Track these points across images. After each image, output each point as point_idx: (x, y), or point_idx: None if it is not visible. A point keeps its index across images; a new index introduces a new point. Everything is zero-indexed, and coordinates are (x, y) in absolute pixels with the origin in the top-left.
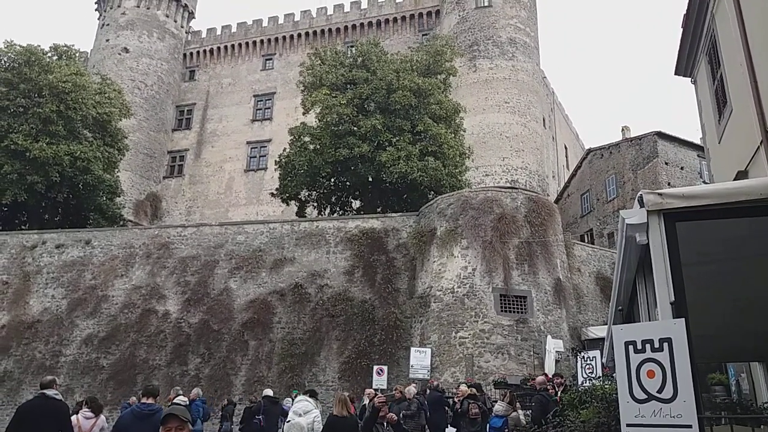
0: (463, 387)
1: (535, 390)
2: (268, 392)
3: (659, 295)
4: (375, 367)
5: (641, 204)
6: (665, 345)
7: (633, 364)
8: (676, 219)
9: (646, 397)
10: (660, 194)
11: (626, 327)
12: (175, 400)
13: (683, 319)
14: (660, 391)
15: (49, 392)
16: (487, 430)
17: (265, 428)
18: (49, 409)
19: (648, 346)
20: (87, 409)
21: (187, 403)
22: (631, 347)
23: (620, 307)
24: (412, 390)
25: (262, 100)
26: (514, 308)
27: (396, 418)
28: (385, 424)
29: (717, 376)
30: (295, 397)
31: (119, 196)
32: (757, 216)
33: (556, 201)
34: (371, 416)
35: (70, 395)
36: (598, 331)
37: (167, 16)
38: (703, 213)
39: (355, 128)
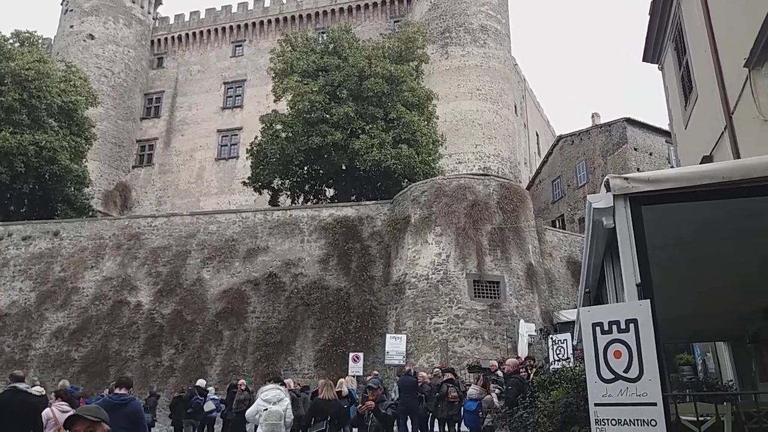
0: (423, 373)
1: (507, 374)
2: (201, 383)
3: (626, 277)
4: (351, 354)
5: (607, 188)
6: (631, 326)
7: (600, 344)
8: (642, 203)
9: (613, 376)
10: (626, 178)
11: (593, 309)
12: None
13: (648, 300)
14: (626, 370)
15: (21, 386)
16: (462, 412)
17: (192, 413)
18: (19, 402)
19: (615, 327)
20: (62, 402)
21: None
22: (598, 328)
23: (588, 290)
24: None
25: (232, 88)
26: (487, 293)
27: (373, 404)
28: (366, 413)
29: (684, 357)
30: (234, 386)
31: (87, 187)
32: (720, 199)
33: (528, 187)
34: (358, 417)
35: (42, 388)
36: (569, 315)
37: (133, 2)
38: (667, 196)
39: (328, 116)
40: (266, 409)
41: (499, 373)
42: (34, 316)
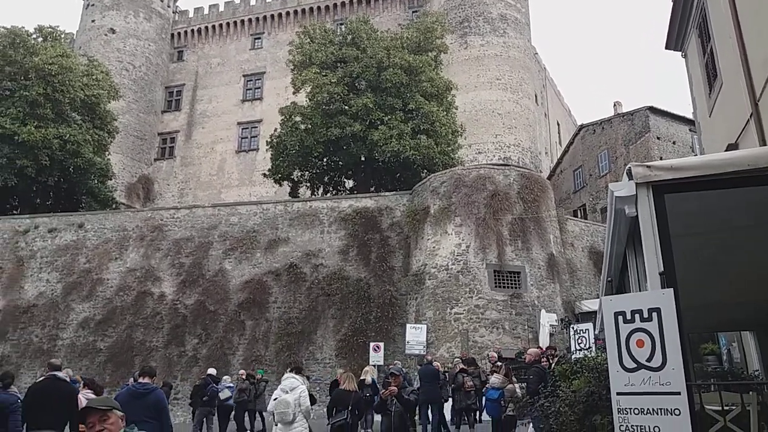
0: (436, 363)
1: (528, 364)
2: (212, 371)
3: (648, 266)
4: (371, 344)
5: (630, 177)
6: (654, 315)
7: (623, 334)
8: (665, 191)
9: (636, 365)
10: (648, 166)
11: (615, 298)
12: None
13: (672, 289)
14: (649, 359)
15: (60, 374)
16: (483, 401)
17: (208, 401)
18: (58, 390)
19: (637, 316)
20: (88, 391)
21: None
22: (620, 317)
23: (610, 278)
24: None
25: (251, 80)
26: (508, 284)
27: (396, 390)
28: (389, 399)
29: (709, 347)
30: (246, 376)
31: (111, 179)
32: (746, 186)
33: (549, 177)
34: (381, 402)
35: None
36: (591, 305)
37: None
38: (691, 185)
39: (346, 107)
40: (276, 398)
41: (499, 363)
42: (61, 307)
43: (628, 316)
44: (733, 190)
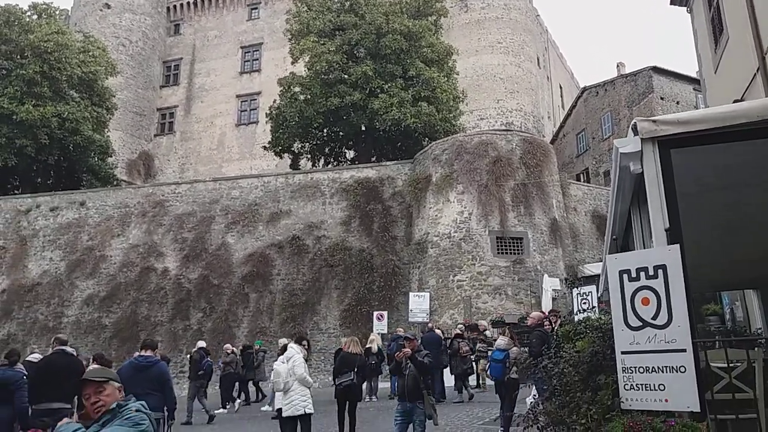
0: (438, 330)
1: (531, 327)
2: (202, 344)
3: (654, 223)
4: (375, 313)
5: (635, 132)
6: (660, 272)
7: (627, 292)
8: (671, 146)
9: (641, 324)
10: (654, 121)
11: (620, 256)
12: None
13: (677, 245)
14: (655, 317)
15: (68, 349)
16: (488, 362)
17: (204, 375)
18: (68, 364)
19: (642, 273)
20: (97, 366)
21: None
22: (625, 276)
23: (615, 237)
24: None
25: (249, 52)
26: (510, 250)
27: (410, 352)
28: (404, 361)
29: (711, 307)
30: (243, 347)
31: (111, 156)
32: (755, 139)
33: (552, 141)
34: (396, 365)
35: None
36: (594, 268)
37: None
38: (698, 139)
39: (346, 76)
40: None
41: (488, 333)
42: (65, 285)
43: (633, 274)
44: (740, 146)
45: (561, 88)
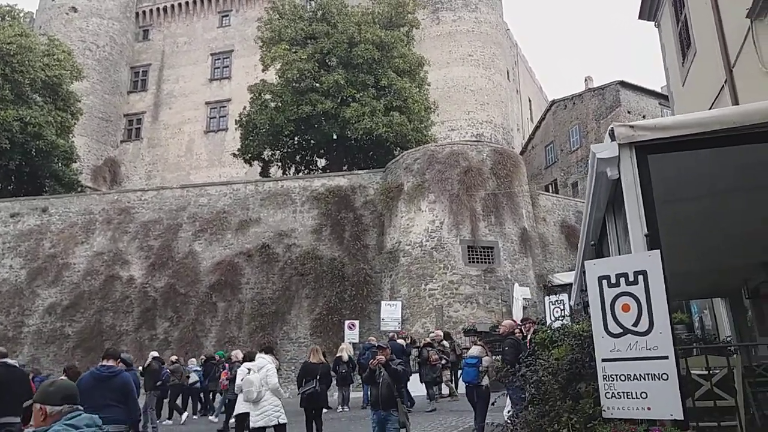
0: (401, 340)
1: (503, 336)
2: (155, 354)
3: (632, 228)
4: (347, 322)
5: (612, 137)
6: (640, 278)
7: (607, 298)
8: (648, 152)
9: (622, 331)
10: (631, 126)
11: (599, 262)
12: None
13: (658, 250)
14: (635, 324)
15: (9, 360)
16: (459, 374)
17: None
18: (13, 376)
19: (622, 279)
20: (65, 377)
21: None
22: (605, 282)
23: (593, 242)
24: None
25: (219, 59)
26: (481, 259)
27: (383, 359)
28: (377, 369)
29: (678, 316)
30: (211, 358)
31: (75, 162)
32: (732, 145)
33: (521, 153)
34: (370, 373)
35: (36, 365)
36: (564, 278)
37: None
38: (675, 144)
39: (317, 84)
40: (242, 379)
41: (445, 343)
42: (26, 293)
43: (613, 280)
44: (715, 154)
45: (530, 101)
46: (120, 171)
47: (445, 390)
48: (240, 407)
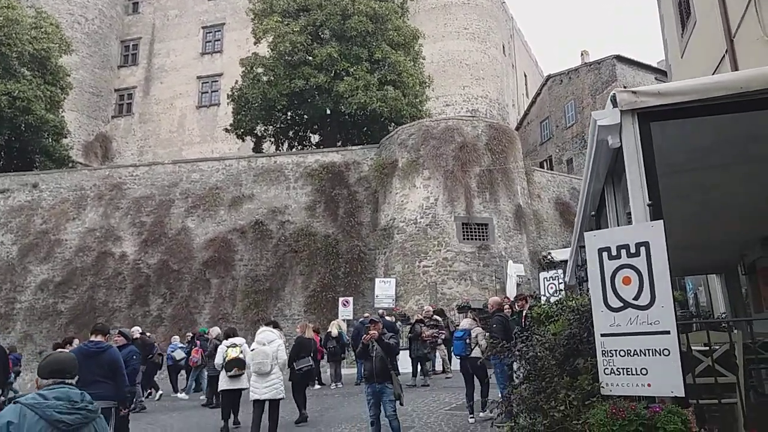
0: (389, 317)
1: (491, 313)
2: (138, 329)
3: (633, 198)
4: (341, 299)
5: (614, 104)
6: (642, 249)
7: (607, 271)
8: (651, 119)
9: (622, 305)
10: (634, 92)
11: (599, 233)
12: None
13: (661, 221)
14: (636, 297)
15: None
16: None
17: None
18: None
19: (623, 251)
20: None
21: None
22: (605, 254)
23: (593, 213)
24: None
25: (211, 32)
26: (476, 236)
27: (376, 334)
28: (371, 344)
29: (672, 293)
30: (198, 335)
31: (66, 137)
32: (737, 112)
33: (516, 129)
34: (363, 348)
35: (29, 341)
36: (558, 255)
37: None
38: (679, 111)
39: (310, 57)
40: (253, 350)
41: (437, 318)
42: (18, 270)
43: (614, 252)
44: (718, 122)
45: (525, 76)
46: (112, 147)
47: (438, 366)
48: (223, 384)
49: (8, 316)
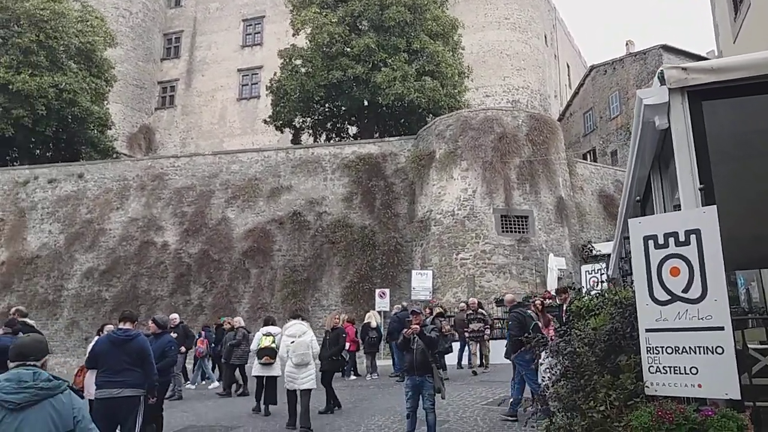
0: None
1: (509, 310)
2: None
3: (682, 183)
4: (377, 291)
5: (662, 81)
6: (692, 237)
7: (653, 261)
8: (703, 97)
9: (669, 297)
10: (684, 68)
11: (645, 219)
12: None
13: (714, 206)
14: (686, 290)
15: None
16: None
17: None
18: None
19: (671, 239)
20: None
21: None
22: (651, 242)
23: (638, 198)
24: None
25: (251, 25)
26: (515, 228)
27: (418, 328)
28: (412, 337)
29: None
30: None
31: (110, 129)
32: None
33: (559, 120)
34: (404, 341)
35: (75, 327)
36: (601, 248)
37: None
38: (734, 89)
39: (348, 48)
40: (293, 342)
41: (482, 311)
42: (65, 258)
43: (661, 241)
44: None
45: (568, 66)
46: (155, 138)
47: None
48: (256, 370)
49: (56, 303)
